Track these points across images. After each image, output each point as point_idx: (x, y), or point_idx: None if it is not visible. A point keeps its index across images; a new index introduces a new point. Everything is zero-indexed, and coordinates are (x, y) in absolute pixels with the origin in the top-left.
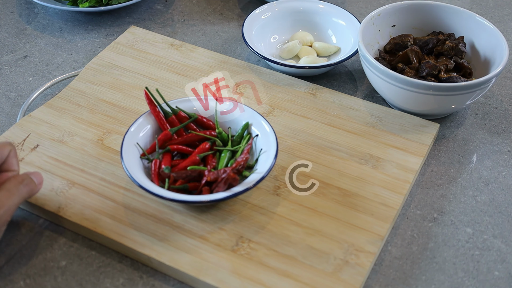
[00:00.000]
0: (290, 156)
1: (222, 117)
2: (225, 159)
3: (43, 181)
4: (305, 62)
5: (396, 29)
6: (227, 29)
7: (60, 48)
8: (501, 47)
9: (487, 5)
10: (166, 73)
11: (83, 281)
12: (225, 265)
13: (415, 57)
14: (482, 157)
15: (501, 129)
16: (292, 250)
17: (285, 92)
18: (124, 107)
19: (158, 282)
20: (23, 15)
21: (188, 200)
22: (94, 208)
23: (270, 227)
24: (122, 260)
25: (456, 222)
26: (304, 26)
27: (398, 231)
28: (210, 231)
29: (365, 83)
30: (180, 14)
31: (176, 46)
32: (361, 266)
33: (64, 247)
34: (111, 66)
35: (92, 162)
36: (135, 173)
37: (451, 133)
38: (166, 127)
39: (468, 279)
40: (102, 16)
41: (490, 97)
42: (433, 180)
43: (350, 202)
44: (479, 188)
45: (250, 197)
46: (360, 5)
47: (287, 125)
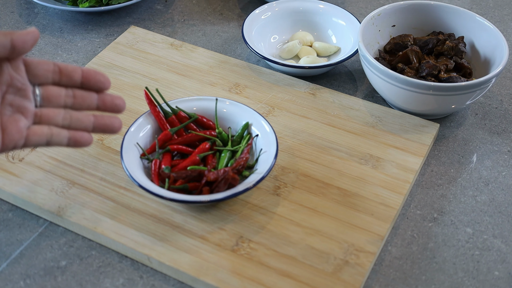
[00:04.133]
0: (290, 156)
1: (222, 112)
2: (225, 159)
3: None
4: (305, 62)
5: (396, 29)
6: (227, 29)
7: (60, 48)
8: (501, 47)
9: (487, 5)
10: (166, 73)
11: (83, 281)
12: (225, 265)
13: (415, 57)
14: (482, 157)
15: (501, 129)
16: (292, 250)
17: (285, 92)
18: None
19: (158, 282)
20: (23, 15)
21: (188, 200)
22: (94, 208)
23: (270, 227)
24: (122, 260)
25: (456, 222)
26: (304, 26)
27: (398, 231)
28: (210, 231)
29: (365, 83)
30: (180, 14)
31: (176, 46)
32: (361, 266)
33: (64, 247)
34: (111, 66)
35: (92, 162)
36: (135, 173)
37: (451, 133)
38: (166, 127)
39: (468, 279)
40: (102, 16)
41: (490, 97)
42: (433, 180)
43: (350, 202)
44: (479, 188)
45: (250, 197)
46: (360, 5)
47: (287, 125)
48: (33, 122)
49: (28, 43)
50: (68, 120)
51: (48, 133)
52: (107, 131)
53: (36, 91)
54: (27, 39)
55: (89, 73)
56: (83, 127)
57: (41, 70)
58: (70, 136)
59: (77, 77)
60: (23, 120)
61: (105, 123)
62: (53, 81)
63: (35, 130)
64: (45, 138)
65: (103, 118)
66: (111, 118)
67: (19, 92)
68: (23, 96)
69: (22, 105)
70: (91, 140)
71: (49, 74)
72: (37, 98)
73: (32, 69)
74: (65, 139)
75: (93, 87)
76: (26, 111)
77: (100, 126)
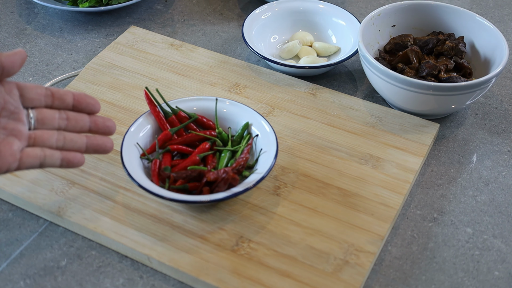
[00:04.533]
0: (290, 156)
1: (222, 112)
2: (225, 159)
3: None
4: (305, 62)
5: (396, 29)
6: (227, 29)
7: (60, 48)
8: (501, 47)
9: (487, 5)
10: (166, 73)
11: (83, 281)
12: (225, 265)
13: (415, 57)
14: (482, 157)
15: (501, 129)
16: (292, 250)
17: (285, 92)
18: (124, 107)
19: (158, 282)
20: (23, 15)
21: (188, 200)
22: (94, 208)
23: (270, 227)
24: (122, 260)
25: (456, 222)
26: (304, 26)
27: (398, 231)
28: (210, 231)
29: (365, 83)
30: (180, 14)
31: (176, 46)
32: (361, 266)
33: (64, 247)
34: (111, 66)
35: (92, 162)
36: (135, 173)
37: (451, 133)
38: (166, 127)
39: (468, 279)
40: (102, 16)
41: (490, 97)
42: (433, 180)
43: (350, 202)
44: (479, 188)
45: (250, 197)
46: (360, 5)
47: (287, 125)
48: (27, 144)
49: (16, 63)
50: (62, 142)
51: (41, 155)
52: (100, 151)
53: (30, 114)
54: (15, 60)
55: (80, 96)
56: (76, 148)
57: (34, 94)
58: (62, 157)
59: (68, 100)
60: (16, 143)
61: (98, 144)
62: (46, 104)
63: (29, 153)
64: (38, 161)
65: (96, 138)
66: (103, 139)
67: (13, 115)
68: (17, 119)
69: (16, 128)
70: (83, 161)
71: (42, 97)
72: (31, 120)
73: (26, 93)
74: (58, 161)
75: (84, 110)
76: (19, 134)
77: (92, 146)
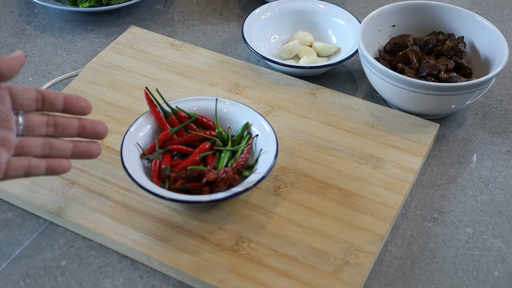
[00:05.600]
0: (290, 156)
1: (222, 112)
2: (225, 159)
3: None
4: (305, 62)
5: (396, 29)
6: (227, 29)
7: (60, 48)
8: (501, 47)
9: (487, 5)
10: (166, 73)
11: (83, 281)
12: (225, 265)
13: (415, 57)
14: (482, 157)
15: (501, 129)
16: (292, 250)
17: (285, 92)
18: (124, 107)
19: (158, 282)
20: (23, 15)
21: (188, 200)
22: (94, 208)
23: (270, 227)
24: (122, 260)
25: (456, 222)
26: (304, 26)
27: (398, 231)
28: (210, 231)
29: (365, 83)
30: (180, 14)
31: (176, 46)
32: (361, 266)
33: (64, 247)
34: (111, 66)
35: (92, 162)
36: (135, 173)
37: (451, 133)
38: (166, 127)
39: (468, 279)
40: (102, 16)
41: (490, 97)
42: (433, 180)
43: (350, 202)
44: (479, 188)
45: (250, 197)
46: (360, 5)
47: (287, 125)
48: (14, 153)
49: (14, 68)
50: (47, 150)
51: (27, 165)
52: (86, 157)
53: (19, 121)
54: (13, 65)
55: (71, 99)
56: (62, 155)
57: (25, 100)
58: (47, 166)
59: (59, 104)
60: (4, 154)
61: (84, 151)
62: (36, 108)
63: (14, 164)
64: (23, 171)
65: (82, 145)
66: (89, 145)
67: (3, 123)
68: (6, 128)
69: (4, 137)
70: (69, 167)
71: (33, 102)
72: (20, 127)
73: (17, 99)
74: (43, 170)
75: (74, 113)
76: (8, 144)
77: (78, 153)
